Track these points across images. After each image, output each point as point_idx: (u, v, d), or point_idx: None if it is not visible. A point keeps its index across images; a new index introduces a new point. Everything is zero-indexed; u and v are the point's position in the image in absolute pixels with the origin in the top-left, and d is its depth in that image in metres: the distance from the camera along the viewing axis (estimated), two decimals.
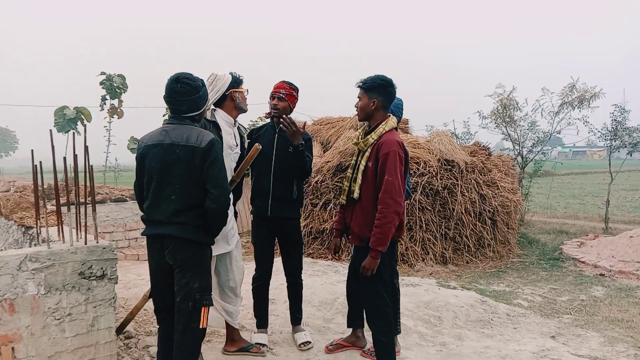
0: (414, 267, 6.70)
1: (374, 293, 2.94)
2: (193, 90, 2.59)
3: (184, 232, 2.54)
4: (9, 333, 2.51)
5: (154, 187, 2.58)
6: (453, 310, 4.67)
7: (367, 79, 2.95)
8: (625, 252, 6.97)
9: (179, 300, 2.57)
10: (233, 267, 3.22)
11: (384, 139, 2.86)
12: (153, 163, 2.57)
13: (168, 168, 2.54)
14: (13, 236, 4.65)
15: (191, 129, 2.59)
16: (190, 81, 2.59)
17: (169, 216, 2.54)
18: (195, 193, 2.55)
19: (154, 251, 2.63)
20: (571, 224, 10.73)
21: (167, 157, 2.54)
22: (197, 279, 2.58)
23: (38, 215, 3.10)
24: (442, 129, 10.37)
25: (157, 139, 2.59)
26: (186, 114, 2.63)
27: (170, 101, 2.62)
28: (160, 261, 2.61)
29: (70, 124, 15.38)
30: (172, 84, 2.58)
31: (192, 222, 2.56)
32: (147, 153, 2.60)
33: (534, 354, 3.77)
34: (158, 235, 2.58)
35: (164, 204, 2.55)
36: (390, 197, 2.75)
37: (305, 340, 3.60)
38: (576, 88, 10.22)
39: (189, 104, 2.61)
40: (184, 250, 2.56)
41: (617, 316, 4.82)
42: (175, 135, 2.56)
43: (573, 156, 69.64)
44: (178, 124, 2.62)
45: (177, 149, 2.53)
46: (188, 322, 2.57)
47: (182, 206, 2.54)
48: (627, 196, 17.11)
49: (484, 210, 7.41)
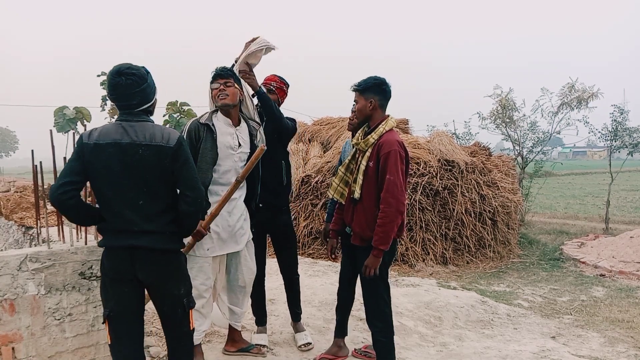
0: (414, 267, 6.70)
1: (375, 293, 2.94)
2: (140, 80, 2.31)
3: (158, 242, 2.30)
4: (9, 333, 2.51)
5: (113, 192, 2.28)
6: (453, 310, 4.67)
7: (360, 81, 2.95)
8: (625, 253, 6.97)
9: (166, 309, 2.40)
10: (242, 267, 3.20)
11: (384, 138, 2.85)
12: (111, 164, 2.25)
13: (131, 170, 2.26)
14: (13, 236, 4.66)
15: (152, 126, 2.33)
16: (134, 70, 2.31)
17: (138, 223, 2.28)
18: (165, 196, 2.33)
19: (120, 263, 2.30)
20: (571, 225, 10.73)
21: (128, 158, 2.26)
22: (180, 285, 2.40)
23: (38, 215, 3.10)
24: (443, 130, 10.38)
25: (112, 137, 2.27)
26: (139, 107, 2.35)
27: (117, 97, 2.33)
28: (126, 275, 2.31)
29: (70, 124, 15.39)
30: (115, 77, 2.29)
31: (164, 229, 2.33)
32: (98, 153, 2.26)
33: (535, 355, 3.76)
34: (126, 247, 2.28)
35: (130, 210, 2.28)
36: (392, 196, 2.75)
37: (306, 342, 3.59)
38: (575, 88, 10.23)
39: (140, 96, 2.33)
40: (159, 263, 2.34)
41: (618, 316, 4.82)
42: (135, 133, 2.28)
43: (573, 156, 69.66)
44: (135, 120, 2.33)
45: (139, 149, 2.26)
46: (180, 327, 2.44)
47: (151, 212, 2.30)
48: (628, 196, 17.10)
49: (484, 211, 7.41)
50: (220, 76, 3.03)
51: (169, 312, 2.41)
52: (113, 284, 2.33)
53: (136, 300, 2.38)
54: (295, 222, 7.42)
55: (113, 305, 2.33)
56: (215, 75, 3.04)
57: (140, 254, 2.30)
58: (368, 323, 3.03)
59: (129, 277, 2.32)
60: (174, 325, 2.44)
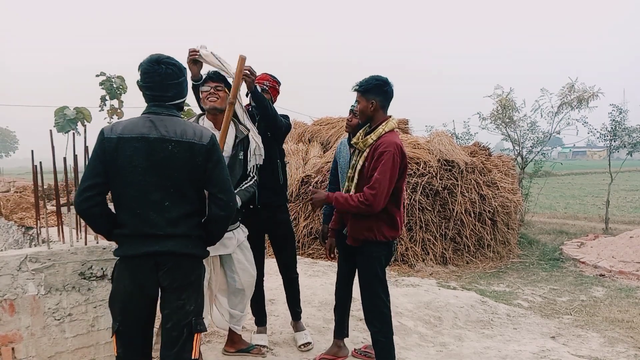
0: (414, 267, 6.70)
1: (372, 294, 2.94)
2: (179, 72, 2.20)
3: (186, 246, 2.14)
4: (9, 333, 2.51)
5: (135, 192, 2.09)
6: (453, 310, 4.67)
7: (362, 81, 2.91)
8: (625, 253, 6.97)
9: (170, 326, 2.13)
10: (238, 270, 3.18)
11: (383, 139, 2.83)
12: (136, 161, 2.07)
13: (158, 168, 2.08)
14: (13, 236, 4.66)
15: (183, 122, 2.19)
16: (174, 61, 2.19)
17: (163, 227, 2.09)
18: (194, 198, 2.17)
19: (141, 273, 2.11)
20: (571, 225, 10.74)
21: (156, 155, 2.08)
22: (193, 300, 2.17)
23: (38, 215, 3.10)
24: (442, 130, 10.38)
25: (139, 131, 2.09)
26: (172, 101, 2.20)
27: (152, 86, 2.16)
28: (149, 284, 2.13)
29: (70, 124, 15.40)
30: (154, 65, 2.14)
31: (192, 232, 2.16)
32: (122, 148, 2.07)
33: (534, 355, 3.77)
34: (150, 254, 2.09)
35: (154, 212, 2.09)
36: (372, 194, 2.71)
37: (306, 341, 3.59)
38: (575, 88, 10.23)
39: (176, 89, 2.20)
40: (183, 269, 2.16)
41: (617, 317, 4.82)
42: (164, 127, 2.11)
43: (573, 156, 69.69)
44: (165, 114, 2.17)
45: (169, 145, 2.09)
46: (180, 352, 2.13)
47: (178, 214, 2.12)
48: (627, 196, 17.11)
49: (484, 211, 7.41)
50: (212, 79, 3.02)
51: (172, 330, 2.13)
52: (127, 297, 2.14)
53: (147, 313, 2.20)
54: (295, 222, 7.42)
55: (122, 320, 2.16)
56: (207, 78, 3.03)
57: (165, 259, 2.11)
58: (367, 323, 3.03)
59: (147, 289, 2.13)
60: (173, 349, 2.13)
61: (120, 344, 2.18)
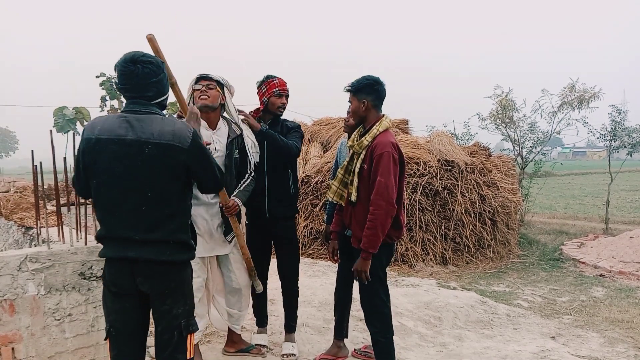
0: (414, 267, 6.70)
1: (372, 294, 2.93)
2: (157, 69, 2.10)
3: (163, 253, 2.06)
4: (9, 333, 2.51)
5: (113, 195, 2.04)
6: (453, 310, 4.67)
7: (353, 82, 2.92)
8: (625, 253, 6.97)
9: (161, 329, 2.13)
10: (235, 270, 3.20)
11: (378, 140, 2.82)
12: (113, 164, 2.01)
13: (134, 172, 2.01)
14: (13, 236, 4.66)
15: (161, 121, 2.07)
16: (150, 59, 2.09)
17: (140, 232, 2.03)
18: (173, 200, 2.08)
19: (119, 276, 2.08)
20: (571, 225, 10.74)
21: (132, 158, 2.00)
22: (180, 303, 2.13)
23: (38, 215, 3.10)
24: (442, 130, 10.38)
25: (117, 132, 2.01)
26: (154, 100, 2.12)
27: (131, 88, 2.07)
28: (129, 287, 2.09)
29: (69, 124, 15.46)
30: (129, 66, 2.04)
31: (170, 237, 2.07)
32: (101, 150, 2.02)
33: (534, 355, 3.77)
34: (126, 259, 2.05)
35: (131, 216, 2.03)
36: (382, 199, 2.70)
37: (290, 352, 3.47)
38: (575, 88, 10.23)
39: (157, 88, 2.11)
40: (163, 277, 2.09)
41: (617, 317, 4.82)
42: (141, 129, 2.02)
43: (573, 157, 69.70)
44: (143, 112, 2.08)
45: (146, 148, 2.00)
46: (173, 353, 2.12)
47: (156, 218, 2.05)
48: (627, 197, 17.11)
49: (484, 211, 7.41)
50: (204, 78, 3.03)
51: (163, 334, 2.13)
52: (114, 297, 2.12)
53: (138, 315, 2.16)
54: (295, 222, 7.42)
55: (113, 321, 2.14)
56: (199, 77, 3.05)
57: (141, 266, 2.06)
58: (367, 324, 3.03)
59: (130, 291, 2.09)
60: (166, 351, 2.13)
61: (113, 346, 2.16)
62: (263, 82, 3.39)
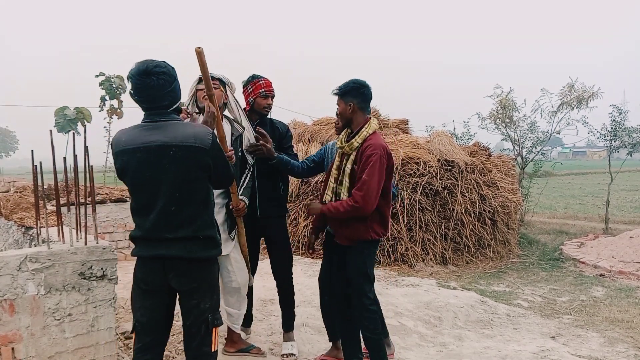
0: (414, 267, 6.70)
1: (361, 292, 2.97)
2: (171, 78, 2.17)
3: (192, 250, 2.19)
4: (8, 333, 2.51)
5: (144, 199, 2.19)
6: (453, 310, 4.67)
7: (340, 85, 3.00)
8: (625, 253, 6.97)
9: (190, 323, 2.26)
10: (235, 269, 3.21)
11: (369, 142, 2.89)
12: (141, 170, 2.15)
13: (161, 175, 2.13)
14: (13, 236, 4.65)
15: (181, 125, 2.21)
16: (163, 69, 2.15)
17: (171, 231, 2.16)
18: (199, 199, 2.21)
19: (150, 273, 2.22)
20: (571, 225, 10.73)
21: (158, 161, 2.13)
22: (207, 298, 2.26)
23: (38, 215, 3.09)
24: (442, 130, 10.38)
25: (141, 140, 2.14)
26: (168, 108, 2.21)
27: (146, 99, 2.16)
28: (159, 284, 2.23)
29: (70, 124, 15.46)
30: (144, 79, 2.11)
31: (198, 232, 2.20)
32: (129, 160, 2.16)
33: (534, 355, 3.77)
34: (158, 257, 2.19)
35: (162, 217, 2.16)
36: (361, 196, 2.79)
37: (289, 352, 3.48)
38: (575, 88, 10.23)
39: (172, 96, 2.19)
40: (192, 273, 2.21)
41: (617, 317, 4.82)
42: (164, 134, 2.14)
43: (573, 156, 69.69)
44: (163, 119, 2.19)
45: (170, 151, 2.12)
46: (200, 346, 2.25)
47: (184, 217, 2.17)
48: (627, 196, 17.11)
49: (484, 211, 7.41)
50: None
51: (191, 327, 2.25)
52: (143, 294, 2.25)
53: (163, 312, 2.28)
54: (295, 222, 7.42)
55: (140, 317, 2.26)
56: None
57: (172, 264, 2.18)
58: (357, 322, 3.05)
59: (160, 288, 2.23)
60: (193, 343, 2.26)
61: (137, 340, 2.28)
62: (249, 82, 3.40)
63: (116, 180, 16.78)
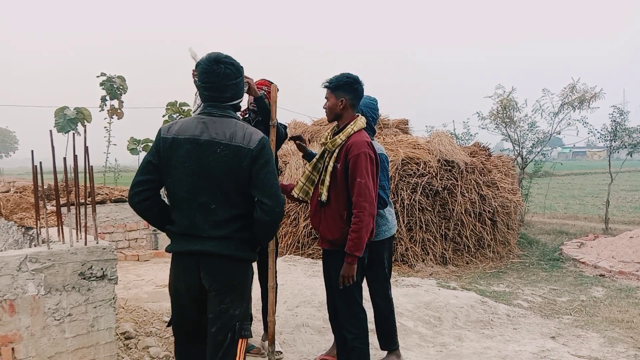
0: (414, 267, 6.70)
1: (349, 299, 2.83)
2: (237, 72, 2.19)
3: (227, 248, 2.13)
4: (9, 334, 2.51)
5: (184, 192, 2.13)
6: (453, 310, 4.67)
7: (332, 78, 2.85)
8: (625, 253, 6.97)
9: (215, 330, 2.14)
10: None
11: (353, 139, 2.76)
12: (186, 162, 2.11)
13: (206, 171, 2.10)
14: (13, 237, 4.65)
15: (235, 124, 2.16)
16: (233, 61, 2.18)
17: (207, 229, 2.12)
18: (240, 201, 2.15)
19: (185, 270, 2.18)
20: (571, 225, 10.74)
21: (205, 157, 2.10)
22: (237, 304, 2.17)
23: (38, 215, 3.10)
24: (442, 130, 10.38)
25: (192, 132, 2.12)
26: (230, 102, 2.20)
27: (210, 87, 2.16)
28: (192, 283, 2.17)
29: (70, 125, 15.45)
30: (212, 65, 2.14)
31: (235, 235, 2.15)
32: (175, 148, 2.12)
33: (534, 355, 3.77)
34: (192, 252, 2.14)
35: (200, 214, 2.12)
36: (364, 200, 2.64)
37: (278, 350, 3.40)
38: (576, 89, 10.23)
39: (234, 90, 2.20)
40: (226, 271, 2.15)
41: (617, 317, 4.82)
42: (215, 130, 2.12)
43: (573, 157, 69.68)
44: (219, 115, 2.17)
45: (217, 148, 2.09)
46: (224, 356, 2.14)
47: (223, 217, 2.13)
48: (627, 197, 17.11)
49: (484, 211, 7.41)
50: None
51: (217, 334, 2.14)
52: (176, 292, 2.23)
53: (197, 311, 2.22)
54: (295, 223, 7.42)
55: (174, 314, 2.26)
56: None
57: (206, 260, 2.13)
58: (342, 330, 2.90)
59: (194, 286, 2.17)
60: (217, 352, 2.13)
61: (175, 334, 2.29)
62: None
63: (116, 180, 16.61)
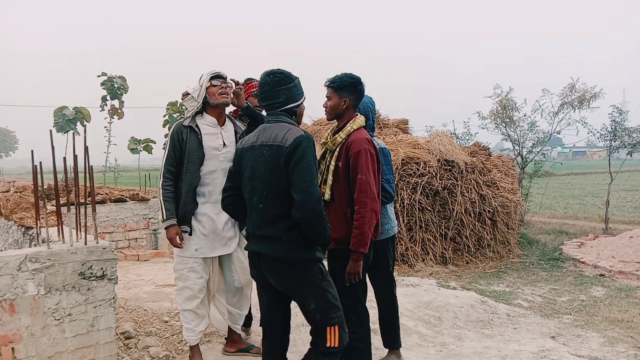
0: (414, 267, 6.70)
1: (353, 298, 2.82)
2: (287, 79, 2.40)
3: (276, 250, 2.27)
4: (9, 333, 2.51)
5: (247, 195, 2.38)
6: (453, 310, 4.67)
7: (336, 78, 2.87)
8: (625, 253, 6.97)
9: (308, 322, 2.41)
10: (237, 268, 3.20)
11: (353, 137, 2.79)
12: (247, 168, 2.37)
13: (257, 173, 2.31)
14: (13, 236, 4.66)
15: (282, 127, 2.33)
16: (283, 71, 2.42)
17: (260, 228, 2.32)
18: (284, 200, 2.25)
19: (254, 268, 2.44)
20: (571, 224, 10.73)
21: (256, 161, 2.32)
22: (310, 299, 2.29)
23: (38, 215, 3.10)
24: (442, 130, 10.37)
25: (251, 140, 2.40)
26: (284, 106, 2.40)
27: (264, 96, 2.42)
28: (261, 279, 2.41)
29: (69, 124, 15.45)
30: (265, 77, 2.41)
31: (283, 235, 2.26)
32: (243, 157, 2.41)
33: (534, 354, 3.77)
34: (254, 252, 2.38)
35: (254, 213, 2.33)
36: (366, 196, 2.66)
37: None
38: (576, 88, 10.23)
39: (286, 95, 2.39)
40: (280, 272, 2.31)
41: (617, 316, 4.82)
42: (265, 134, 2.34)
43: (573, 156, 69.69)
44: (274, 120, 2.39)
45: (264, 150, 2.30)
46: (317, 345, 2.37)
47: (269, 216, 2.28)
48: (627, 196, 17.10)
49: (484, 211, 7.41)
50: (220, 77, 3.12)
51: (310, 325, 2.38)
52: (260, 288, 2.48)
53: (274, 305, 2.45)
54: None
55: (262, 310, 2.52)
56: (216, 75, 3.11)
57: (264, 260, 2.34)
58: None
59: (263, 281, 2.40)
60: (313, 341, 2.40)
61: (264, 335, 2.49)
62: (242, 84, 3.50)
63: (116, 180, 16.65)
